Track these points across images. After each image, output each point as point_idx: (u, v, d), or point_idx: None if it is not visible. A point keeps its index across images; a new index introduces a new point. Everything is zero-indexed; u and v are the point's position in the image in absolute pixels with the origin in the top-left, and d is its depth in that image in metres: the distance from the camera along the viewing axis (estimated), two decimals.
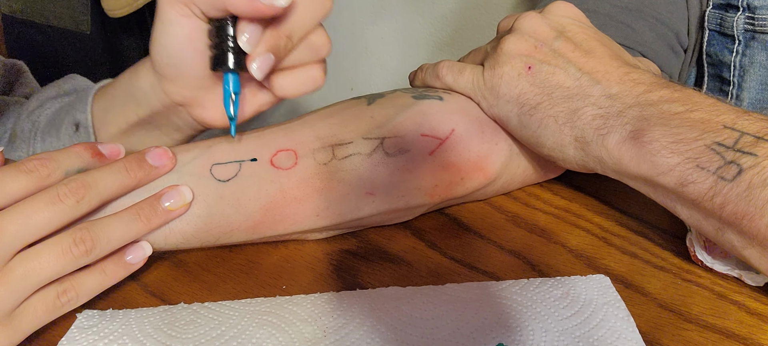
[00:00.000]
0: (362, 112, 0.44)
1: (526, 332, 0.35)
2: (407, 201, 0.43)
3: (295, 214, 0.41)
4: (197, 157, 0.41)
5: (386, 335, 0.35)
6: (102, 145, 0.39)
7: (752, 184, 0.33)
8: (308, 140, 0.42)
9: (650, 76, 0.41)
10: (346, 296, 0.38)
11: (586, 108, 0.40)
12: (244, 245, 0.43)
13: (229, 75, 0.39)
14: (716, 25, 0.58)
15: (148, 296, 0.40)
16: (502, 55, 0.44)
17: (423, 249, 0.44)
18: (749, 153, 0.34)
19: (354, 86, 1.38)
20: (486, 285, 0.39)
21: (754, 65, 0.57)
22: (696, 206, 0.36)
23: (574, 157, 0.42)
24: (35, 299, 0.35)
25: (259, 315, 0.37)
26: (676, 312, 0.37)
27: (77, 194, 0.35)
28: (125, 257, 0.38)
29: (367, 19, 1.29)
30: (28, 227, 0.34)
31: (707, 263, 0.40)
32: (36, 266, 0.34)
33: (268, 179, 0.40)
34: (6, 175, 0.35)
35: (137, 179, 0.38)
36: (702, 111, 0.37)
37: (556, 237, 0.44)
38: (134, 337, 0.35)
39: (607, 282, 0.39)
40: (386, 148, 0.42)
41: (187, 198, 0.39)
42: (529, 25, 0.45)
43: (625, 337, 0.34)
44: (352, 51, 1.34)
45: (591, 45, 0.43)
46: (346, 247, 0.44)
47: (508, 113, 0.44)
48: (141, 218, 0.38)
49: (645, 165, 0.37)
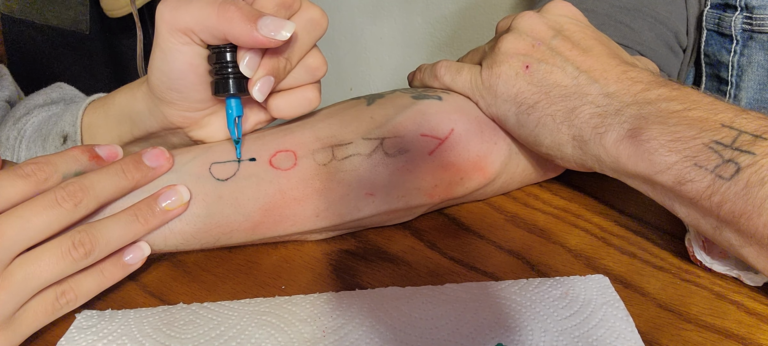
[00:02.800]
0: (362, 112, 0.44)
1: (525, 332, 0.35)
2: (407, 201, 0.43)
3: (294, 215, 0.41)
4: (196, 158, 0.41)
5: (385, 335, 0.35)
6: (99, 147, 0.39)
7: (750, 182, 0.33)
8: (308, 141, 0.42)
9: (648, 75, 0.41)
10: (346, 296, 0.38)
11: (583, 107, 0.40)
12: (243, 246, 0.43)
13: (232, 100, 0.40)
14: (714, 24, 0.58)
15: (147, 296, 0.40)
16: (499, 54, 0.44)
17: (422, 249, 0.44)
18: (747, 152, 0.34)
19: (353, 86, 1.38)
20: (485, 285, 0.39)
21: (752, 65, 0.57)
22: (694, 205, 0.36)
23: (572, 156, 0.42)
24: (35, 301, 0.35)
25: (258, 315, 0.37)
26: (675, 312, 0.37)
27: (75, 198, 0.35)
28: (124, 257, 0.38)
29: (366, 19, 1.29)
30: (26, 230, 0.34)
31: (706, 263, 0.40)
32: (36, 269, 0.34)
33: (267, 179, 0.40)
34: (3, 179, 0.35)
35: (135, 180, 0.38)
36: (700, 109, 0.37)
37: (555, 237, 0.44)
38: (133, 337, 0.35)
39: (606, 282, 0.39)
40: (386, 149, 0.42)
41: (185, 198, 0.39)
42: (527, 24, 0.45)
43: (624, 337, 0.34)
44: (351, 51, 1.34)
45: (589, 43, 0.43)
46: (345, 247, 0.44)
47: (506, 112, 0.44)
48: (139, 219, 0.38)
49: (643, 163, 0.37)
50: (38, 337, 0.36)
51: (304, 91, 0.42)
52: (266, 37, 0.36)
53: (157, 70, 0.40)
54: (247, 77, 0.39)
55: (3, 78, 0.61)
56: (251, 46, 0.38)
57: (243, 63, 0.38)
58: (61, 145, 0.48)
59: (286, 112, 0.42)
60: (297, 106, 0.42)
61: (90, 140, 0.48)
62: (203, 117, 0.43)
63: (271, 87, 0.39)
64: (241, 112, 0.41)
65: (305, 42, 0.40)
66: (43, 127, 0.50)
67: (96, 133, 0.48)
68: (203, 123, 0.43)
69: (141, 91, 0.44)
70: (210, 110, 0.42)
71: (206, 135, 0.43)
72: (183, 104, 0.41)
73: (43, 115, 0.52)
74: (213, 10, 0.37)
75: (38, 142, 0.50)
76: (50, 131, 0.49)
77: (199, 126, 0.43)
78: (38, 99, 0.54)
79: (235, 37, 0.37)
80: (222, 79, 0.39)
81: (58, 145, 0.48)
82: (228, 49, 0.38)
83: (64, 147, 0.48)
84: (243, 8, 0.37)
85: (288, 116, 0.42)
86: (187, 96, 0.41)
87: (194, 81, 0.40)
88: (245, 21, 0.36)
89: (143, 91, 0.43)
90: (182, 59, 0.39)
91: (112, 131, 0.47)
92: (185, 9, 0.37)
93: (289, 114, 0.42)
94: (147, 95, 0.43)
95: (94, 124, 0.48)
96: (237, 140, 0.41)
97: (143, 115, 0.44)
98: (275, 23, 0.37)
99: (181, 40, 0.38)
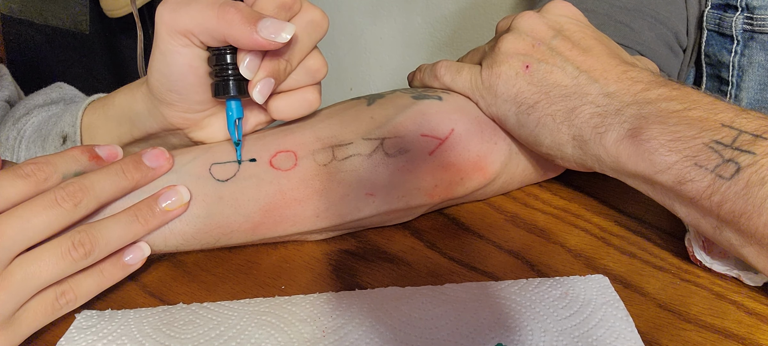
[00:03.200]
0: (362, 112, 0.44)
1: (524, 332, 0.35)
2: (407, 201, 0.43)
3: (294, 215, 0.41)
4: (196, 158, 0.41)
5: (385, 335, 0.35)
6: (99, 147, 0.39)
7: (750, 182, 0.33)
8: (308, 141, 0.42)
9: (648, 75, 0.41)
10: (345, 296, 0.38)
11: (583, 106, 0.40)
12: (243, 246, 0.43)
13: (232, 101, 0.40)
14: (715, 25, 0.58)
15: (146, 296, 0.40)
16: (499, 54, 0.44)
17: (422, 249, 0.44)
18: (747, 151, 0.34)
19: (353, 86, 1.38)
20: (485, 285, 0.39)
21: (752, 65, 0.57)
22: (694, 204, 0.36)
23: (572, 156, 0.42)
24: (35, 301, 0.35)
25: (257, 315, 0.37)
26: (675, 312, 0.37)
27: (75, 198, 0.35)
28: (123, 258, 0.38)
29: (366, 19, 1.29)
30: (26, 231, 0.34)
31: (706, 263, 0.40)
32: (36, 269, 0.34)
33: (268, 179, 0.40)
34: (3, 179, 0.35)
35: (134, 181, 0.38)
36: (700, 109, 0.37)
37: (555, 237, 0.44)
38: (133, 337, 0.35)
39: (606, 282, 0.39)
40: (386, 149, 0.42)
41: (185, 198, 0.39)
42: (527, 24, 0.45)
43: (623, 337, 0.34)
44: (351, 51, 1.34)
45: (589, 43, 0.43)
46: (344, 247, 0.44)
47: (506, 112, 0.44)
48: (139, 220, 0.38)
49: (643, 163, 0.37)
50: (38, 337, 0.36)
51: (304, 93, 0.42)
52: (266, 39, 0.36)
53: (156, 71, 0.40)
54: (247, 79, 0.39)
55: (3, 78, 0.61)
56: (251, 48, 0.38)
57: (243, 65, 0.38)
58: (60, 146, 0.48)
59: (286, 113, 0.42)
60: (297, 107, 0.42)
61: (89, 141, 0.48)
62: (203, 118, 0.43)
63: (272, 89, 0.39)
64: (241, 114, 0.41)
65: (306, 44, 0.40)
66: (42, 128, 0.50)
67: (95, 133, 0.48)
68: (203, 124, 0.43)
69: (140, 91, 0.44)
70: (210, 112, 0.42)
71: (206, 136, 0.43)
72: (183, 106, 0.41)
73: (43, 115, 0.52)
74: (213, 12, 0.37)
75: (38, 143, 0.50)
76: (50, 132, 0.49)
77: (199, 127, 0.43)
78: (38, 99, 0.54)
79: (235, 39, 0.37)
80: (222, 81, 0.39)
81: (58, 145, 0.48)
82: (228, 50, 0.38)
83: (63, 147, 0.48)
84: (243, 10, 0.36)
85: (288, 118, 0.42)
86: (186, 97, 0.41)
87: (194, 83, 0.40)
88: (245, 23, 0.36)
89: (143, 91, 0.43)
90: (182, 61, 0.39)
91: (111, 132, 0.47)
92: (185, 11, 0.37)
93: (289, 116, 0.42)
94: (146, 96, 0.43)
95: (93, 125, 0.48)
96: (237, 142, 0.41)
97: (143, 116, 0.44)
98: (275, 25, 0.36)
99: (181, 42, 0.38)
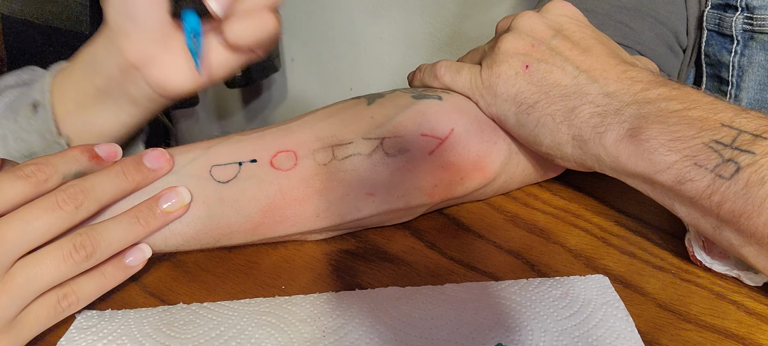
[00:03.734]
0: (362, 112, 0.44)
1: (525, 332, 0.35)
2: (407, 201, 0.43)
3: (295, 215, 0.41)
4: (196, 159, 0.41)
5: (385, 335, 0.35)
6: (98, 146, 0.39)
7: (750, 182, 0.33)
8: (308, 141, 0.42)
9: (648, 74, 0.41)
10: (345, 296, 0.38)
11: (583, 106, 0.40)
12: (243, 246, 0.43)
13: (189, 14, 0.40)
14: (715, 25, 0.58)
15: (147, 296, 0.40)
16: (499, 54, 0.44)
17: (422, 249, 0.44)
18: (747, 151, 0.34)
19: (353, 86, 1.38)
20: (485, 285, 0.39)
21: (752, 65, 0.57)
22: (694, 204, 0.36)
23: (572, 156, 0.42)
24: (36, 305, 0.35)
25: (258, 315, 0.37)
26: (675, 312, 0.37)
27: (76, 200, 0.35)
28: (125, 259, 0.38)
29: (366, 19, 1.29)
30: (27, 233, 0.34)
31: (706, 263, 0.40)
32: (37, 272, 0.34)
33: (268, 180, 0.40)
34: (3, 180, 0.35)
35: (135, 182, 0.38)
36: (700, 109, 0.37)
37: (555, 237, 0.44)
38: (133, 337, 0.35)
39: (606, 282, 0.39)
40: (386, 149, 0.42)
41: (186, 199, 0.39)
42: (527, 23, 0.45)
43: (623, 337, 0.34)
44: (350, 51, 1.34)
45: (588, 43, 0.43)
46: (345, 247, 0.44)
47: (506, 112, 0.44)
48: (140, 221, 0.38)
49: (643, 163, 0.37)
50: (38, 337, 0.36)
51: (260, 15, 0.42)
52: None
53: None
54: None
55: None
56: None
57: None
58: (32, 115, 0.47)
59: (243, 37, 0.42)
60: (254, 30, 0.42)
61: (59, 104, 0.47)
62: (160, 53, 0.43)
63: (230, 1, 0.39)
64: (198, 27, 0.41)
65: None
66: (13, 104, 0.50)
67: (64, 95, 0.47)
68: (160, 61, 0.43)
69: (100, 34, 0.44)
70: (167, 46, 0.42)
71: (164, 76, 0.43)
72: (138, 34, 0.41)
73: (15, 93, 0.52)
74: None
75: (10, 118, 0.49)
76: (21, 105, 0.49)
77: (156, 65, 0.43)
78: (9, 80, 0.54)
79: None
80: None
81: (30, 114, 0.47)
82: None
83: (35, 115, 0.47)
84: None
85: (246, 42, 0.42)
86: (141, 22, 0.41)
87: (150, 3, 0.40)
88: None
89: (102, 33, 0.44)
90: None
91: (75, 87, 0.46)
92: None
93: (247, 39, 0.42)
94: (105, 36, 0.43)
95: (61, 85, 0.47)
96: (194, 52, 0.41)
97: (101, 58, 0.44)
98: None
99: None
